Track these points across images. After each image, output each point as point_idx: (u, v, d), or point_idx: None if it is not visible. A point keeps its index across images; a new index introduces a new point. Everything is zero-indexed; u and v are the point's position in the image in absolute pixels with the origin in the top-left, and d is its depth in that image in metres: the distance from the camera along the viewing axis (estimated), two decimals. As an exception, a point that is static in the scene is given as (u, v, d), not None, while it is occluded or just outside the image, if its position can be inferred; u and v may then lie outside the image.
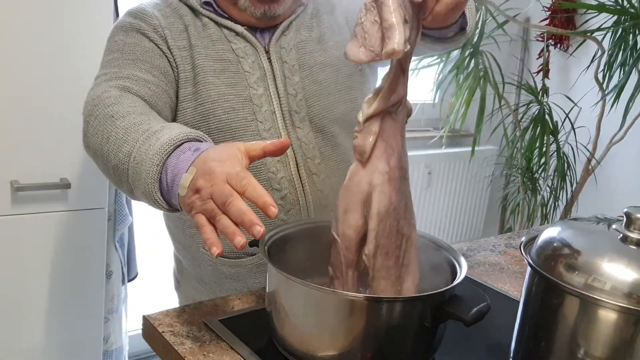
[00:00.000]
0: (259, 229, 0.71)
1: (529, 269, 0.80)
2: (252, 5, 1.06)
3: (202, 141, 0.84)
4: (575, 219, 0.87)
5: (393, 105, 0.77)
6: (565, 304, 0.74)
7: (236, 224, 0.72)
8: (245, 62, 1.08)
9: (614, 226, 0.78)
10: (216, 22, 1.09)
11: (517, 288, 1.12)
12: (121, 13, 1.63)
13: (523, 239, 0.86)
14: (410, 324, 0.77)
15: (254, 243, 0.89)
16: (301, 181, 1.11)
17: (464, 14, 0.98)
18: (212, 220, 0.74)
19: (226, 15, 1.09)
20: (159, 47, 1.05)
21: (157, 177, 0.80)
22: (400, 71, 0.76)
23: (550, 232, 0.81)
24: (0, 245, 1.49)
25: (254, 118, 1.07)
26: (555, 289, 0.75)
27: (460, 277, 0.81)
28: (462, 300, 0.78)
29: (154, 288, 2.14)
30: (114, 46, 1.06)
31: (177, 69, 1.06)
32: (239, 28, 1.08)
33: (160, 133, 0.83)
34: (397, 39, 0.68)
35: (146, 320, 0.92)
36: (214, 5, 1.09)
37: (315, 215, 1.12)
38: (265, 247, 0.86)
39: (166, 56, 1.05)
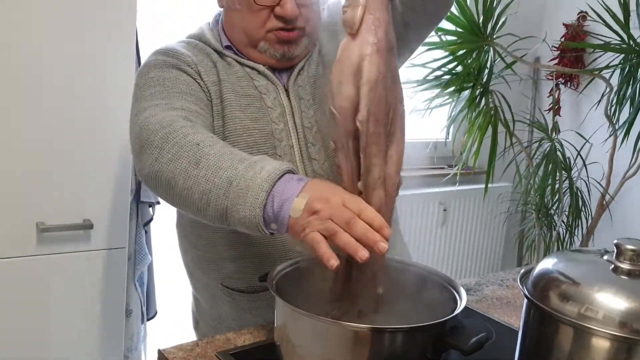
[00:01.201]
0: (384, 245, 0.81)
1: (525, 299, 0.83)
2: (271, 47, 1.12)
3: (295, 173, 0.90)
4: (574, 250, 0.90)
5: None
6: (560, 334, 0.77)
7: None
8: (268, 99, 1.14)
9: (605, 257, 0.81)
10: (238, 62, 1.15)
11: (523, 321, 1.14)
12: (142, 57, 1.73)
13: (522, 270, 0.89)
14: (411, 353, 0.80)
15: (263, 278, 0.94)
16: None
17: None
18: (331, 237, 0.82)
19: (246, 58, 1.16)
20: (196, 81, 1.10)
21: (264, 202, 0.85)
22: None
23: (546, 264, 0.84)
24: (25, 285, 1.54)
25: (274, 152, 1.12)
26: (550, 319, 0.78)
27: (459, 308, 0.84)
28: (462, 330, 0.81)
29: (173, 326, 2.17)
30: (151, 82, 1.08)
31: (211, 102, 1.11)
32: (261, 67, 1.14)
33: (262, 163, 0.89)
34: None
35: (161, 354, 0.96)
36: (234, 49, 1.16)
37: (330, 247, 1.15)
38: (274, 282, 0.90)
39: (203, 90, 1.11)
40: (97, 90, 1.55)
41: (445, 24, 2.45)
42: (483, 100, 2.54)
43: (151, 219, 1.85)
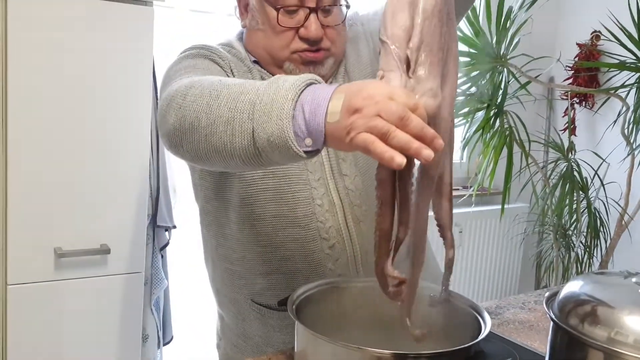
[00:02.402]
0: (440, 141, 0.71)
1: (552, 323, 0.81)
2: (296, 68, 1.10)
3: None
4: (598, 273, 0.88)
5: None
6: (589, 358, 0.75)
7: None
8: None
9: (633, 279, 0.79)
10: (268, 76, 1.13)
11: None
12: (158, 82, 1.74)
13: (547, 294, 0.87)
14: (436, 379, 0.79)
15: (282, 303, 0.93)
16: (348, 230, 1.13)
17: None
18: (383, 138, 0.70)
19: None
20: (227, 74, 1.09)
21: (292, 113, 0.76)
22: None
23: (572, 286, 0.83)
24: (43, 310, 1.54)
25: (305, 168, 1.11)
26: (579, 343, 0.76)
27: (484, 333, 0.83)
28: (486, 355, 0.80)
29: (189, 351, 2.16)
30: (183, 67, 1.06)
31: None
32: None
33: (284, 77, 0.80)
34: None
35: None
36: (260, 65, 1.15)
37: (362, 266, 1.13)
38: (294, 306, 0.89)
39: None
40: (114, 116, 1.56)
41: (458, 45, 2.45)
42: (498, 121, 2.53)
43: (167, 243, 1.85)
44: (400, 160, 0.68)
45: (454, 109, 0.82)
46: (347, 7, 1.12)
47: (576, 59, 2.82)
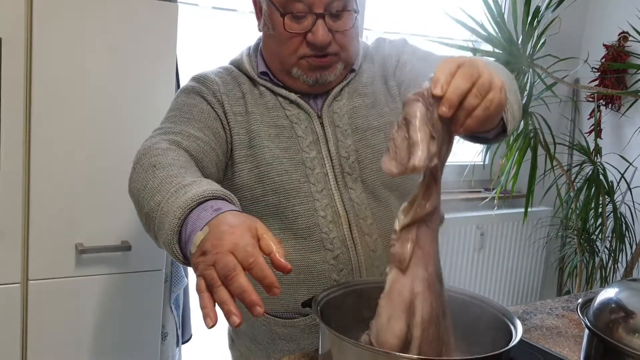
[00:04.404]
0: (259, 310, 0.71)
1: (586, 331, 0.79)
2: (304, 73, 1.12)
3: (228, 201, 0.84)
4: (632, 280, 0.85)
5: (428, 214, 0.79)
6: (627, 368, 0.73)
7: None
8: (299, 127, 1.13)
9: (673, 287, 0.76)
10: (272, 91, 1.15)
11: (576, 352, 1.09)
12: (182, 83, 1.74)
13: (580, 300, 0.85)
14: (465, 387, 0.76)
15: (306, 304, 0.91)
16: (353, 242, 1.13)
17: (502, 118, 0.93)
18: (210, 289, 0.73)
19: (281, 84, 1.16)
20: (214, 110, 1.13)
21: (177, 229, 0.82)
22: (432, 181, 0.79)
23: (608, 294, 0.80)
24: (63, 305, 1.54)
25: (306, 180, 1.11)
26: (615, 352, 0.73)
27: (515, 340, 0.80)
28: (518, 363, 0.77)
29: (208, 350, 2.16)
30: (175, 105, 1.15)
31: (230, 132, 1.13)
32: (293, 96, 1.14)
33: (189, 187, 0.86)
34: (419, 156, 0.73)
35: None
36: (270, 74, 1.16)
37: (367, 276, 1.12)
38: (318, 308, 0.87)
39: (220, 119, 1.13)
40: (136, 113, 1.56)
41: (483, 45, 2.42)
42: (522, 122, 2.49)
43: (187, 241, 1.84)
44: (209, 324, 0.71)
45: None
46: (356, 12, 1.11)
47: (603, 60, 2.77)
